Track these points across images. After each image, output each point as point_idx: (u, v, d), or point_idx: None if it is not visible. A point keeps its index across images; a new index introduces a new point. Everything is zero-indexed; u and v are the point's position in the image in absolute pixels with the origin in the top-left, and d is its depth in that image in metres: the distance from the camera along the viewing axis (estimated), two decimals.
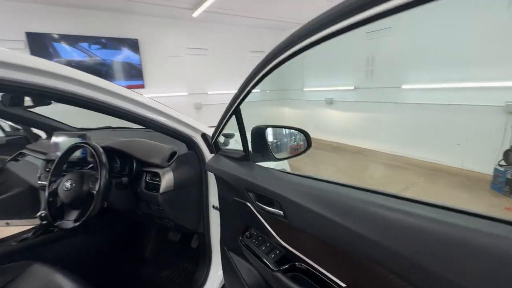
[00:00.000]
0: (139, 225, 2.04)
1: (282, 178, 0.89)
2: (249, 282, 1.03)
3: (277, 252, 0.90)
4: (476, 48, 3.54)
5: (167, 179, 1.32)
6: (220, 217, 1.29)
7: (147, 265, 1.90)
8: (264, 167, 1.04)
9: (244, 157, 1.10)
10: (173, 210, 1.40)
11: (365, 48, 5.25)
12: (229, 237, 1.24)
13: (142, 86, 5.51)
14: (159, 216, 1.52)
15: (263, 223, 0.99)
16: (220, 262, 1.41)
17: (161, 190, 1.23)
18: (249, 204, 1.03)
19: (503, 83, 3.28)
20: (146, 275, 1.82)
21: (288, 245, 0.89)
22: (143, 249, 1.99)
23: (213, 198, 1.49)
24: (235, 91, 0.87)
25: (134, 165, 1.37)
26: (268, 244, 0.95)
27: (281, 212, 0.84)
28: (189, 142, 1.40)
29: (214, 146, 1.23)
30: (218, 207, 1.38)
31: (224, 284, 1.52)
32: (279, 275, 0.83)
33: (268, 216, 0.94)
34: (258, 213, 0.98)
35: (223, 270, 1.35)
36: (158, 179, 1.26)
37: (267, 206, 0.85)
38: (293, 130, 1.22)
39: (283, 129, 1.24)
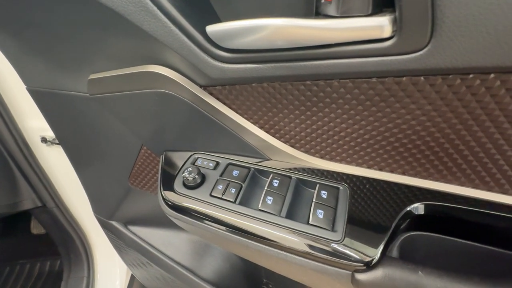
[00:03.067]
0: None
1: None
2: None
3: (327, 189, 0.27)
4: None
5: None
6: (71, 157, 0.46)
7: None
8: None
9: None
10: None
11: None
12: (120, 194, 0.47)
13: None
14: None
15: (235, 121, 0.28)
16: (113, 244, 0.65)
17: None
18: (165, 71, 0.27)
19: None
20: None
21: (359, 161, 0.27)
22: None
23: (36, 121, 0.57)
24: None
25: None
26: (279, 178, 0.28)
27: (385, 18, 0.15)
28: None
29: None
30: (57, 135, 0.50)
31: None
32: (390, 272, 0.22)
33: (260, 95, 0.27)
34: (217, 87, 0.26)
35: (129, 266, 0.62)
36: None
37: None
38: None
39: None
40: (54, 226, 0.69)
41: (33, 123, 0.59)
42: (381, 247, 0.23)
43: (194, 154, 0.33)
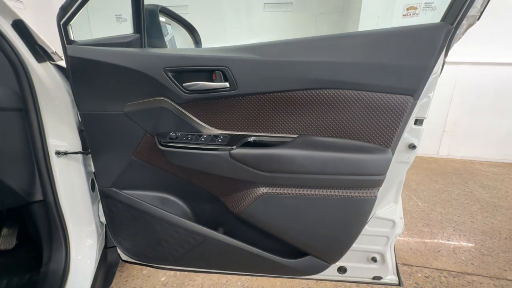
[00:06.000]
0: None
1: (221, 50, 0.76)
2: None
3: (222, 137, 0.78)
4: None
5: None
6: (92, 146, 0.85)
7: None
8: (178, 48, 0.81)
9: (137, 42, 0.78)
10: None
11: None
12: (122, 167, 0.86)
13: None
14: None
15: (189, 117, 0.80)
16: (87, 233, 0.95)
17: None
18: (165, 98, 0.77)
19: None
20: None
21: (231, 129, 0.80)
22: None
23: (54, 140, 0.93)
24: None
25: None
26: (205, 136, 0.79)
27: (226, 83, 0.73)
28: None
29: (63, 31, 0.75)
30: (65, 151, 0.90)
31: (101, 260, 1.05)
32: (239, 151, 0.74)
33: (198, 106, 0.77)
34: (184, 103, 0.77)
35: (114, 228, 0.92)
36: None
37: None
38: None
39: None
40: (45, 219, 0.93)
41: (52, 141, 0.94)
42: (239, 144, 0.75)
43: (172, 133, 0.81)
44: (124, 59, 0.71)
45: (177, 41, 1.33)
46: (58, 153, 0.93)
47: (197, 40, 1.06)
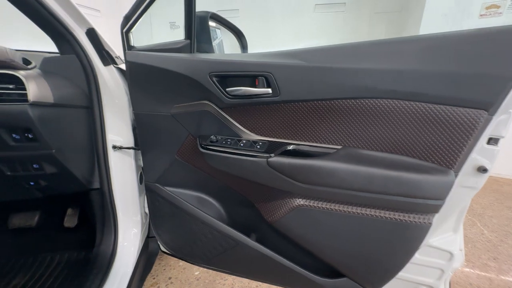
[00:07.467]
0: None
1: (265, 55, 0.75)
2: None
3: (260, 144, 0.77)
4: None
5: (38, 85, 0.75)
6: (142, 143, 0.91)
7: None
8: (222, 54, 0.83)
9: (187, 48, 0.82)
10: (57, 142, 0.83)
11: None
12: (167, 164, 0.91)
13: None
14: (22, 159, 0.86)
15: (230, 121, 0.80)
16: (133, 222, 1.02)
17: (31, 98, 0.71)
18: (209, 102, 0.79)
19: None
20: None
21: (271, 136, 0.78)
22: None
23: (112, 135, 1.03)
24: None
25: None
26: (244, 141, 0.78)
27: (269, 89, 0.71)
28: (66, 39, 0.87)
29: (125, 38, 0.82)
30: (120, 146, 0.98)
31: (143, 249, 1.13)
32: (277, 159, 0.72)
33: (239, 111, 0.77)
34: (226, 108, 0.78)
35: (156, 221, 0.98)
36: (17, 86, 0.73)
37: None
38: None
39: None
40: (100, 205, 1.04)
41: (110, 136, 1.04)
42: (277, 152, 0.72)
43: (213, 136, 0.82)
44: (174, 64, 0.75)
45: (225, 44, 1.37)
46: (114, 147, 1.03)
47: (243, 45, 1.08)
